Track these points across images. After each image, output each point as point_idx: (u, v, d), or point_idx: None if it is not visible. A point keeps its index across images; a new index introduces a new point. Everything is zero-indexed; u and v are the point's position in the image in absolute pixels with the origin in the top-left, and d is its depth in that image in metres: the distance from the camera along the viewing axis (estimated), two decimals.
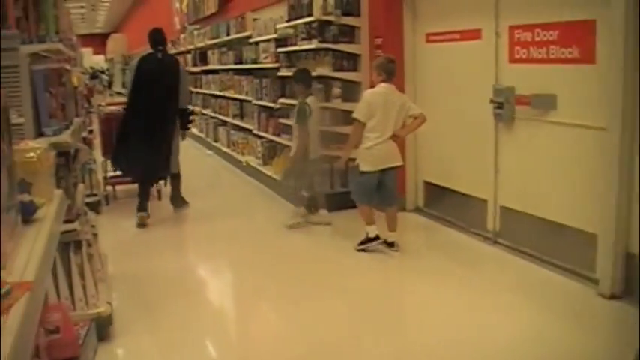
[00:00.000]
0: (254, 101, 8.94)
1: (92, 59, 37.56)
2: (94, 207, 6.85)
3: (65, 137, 3.17)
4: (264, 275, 5.19)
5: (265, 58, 8.58)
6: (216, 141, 11.64)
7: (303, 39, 7.13)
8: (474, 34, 5.59)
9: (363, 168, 5.33)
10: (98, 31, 39.42)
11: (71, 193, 3.32)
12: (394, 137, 5.31)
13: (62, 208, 1.70)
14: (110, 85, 32.83)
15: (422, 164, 6.67)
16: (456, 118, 6.00)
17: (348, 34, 6.78)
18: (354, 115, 5.31)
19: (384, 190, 5.39)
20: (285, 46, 7.74)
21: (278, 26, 7.88)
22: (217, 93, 11.27)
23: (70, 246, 3.51)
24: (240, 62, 9.87)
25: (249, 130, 9.25)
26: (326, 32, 6.74)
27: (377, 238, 5.39)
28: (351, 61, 6.83)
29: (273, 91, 8.23)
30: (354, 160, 5.57)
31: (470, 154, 5.85)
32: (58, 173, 3.19)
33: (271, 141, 8.45)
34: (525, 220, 5.14)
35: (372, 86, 5.52)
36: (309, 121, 6.17)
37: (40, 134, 3.02)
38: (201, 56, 12.98)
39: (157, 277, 5.18)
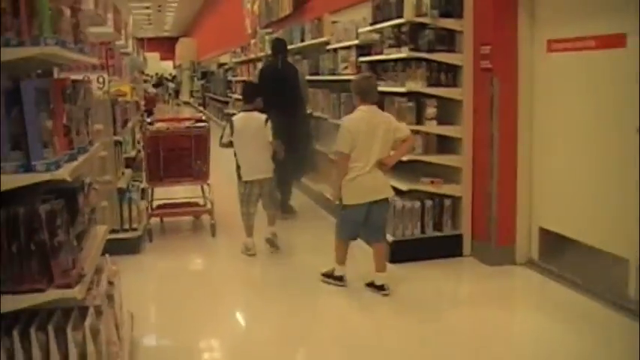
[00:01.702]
0: (330, 120, 8.17)
1: (160, 65, 38.06)
2: (133, 245, 6.28)
3: (63, 173, 2.61)
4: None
5: (345, 68, 7.84)
6: None
7: (390, 46, 6.35)
8: (616, 40, 4.67)
9: (347, 201, 5.23)
10: (166, 34, 39.94)
11: (72, 248, 2.68)
12: (381, 166, 5.17)
13: None
14: (177, 94, 32.85)
15: (538, 206, 5.72)
16: (587, 150, 5.08)
17: (447, 40, 5.94)
18: (336, 149, 5.25)
19: (370, 224, 5.27)
20: (369, 54, 7.01)
21: (360, 30, 7.22)
22: None
23: (70, 318, 2.80)
24: (317, 73, 9.15)
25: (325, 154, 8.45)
26: (419, 38, 5.93)
27: (341, 279, 5.39)
28: (450, 74, 5.98)
29: (352, 108, 7.44)
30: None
31: (604, 196, 4.90)
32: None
33: None
34: None
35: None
36: (235, 137, 6.22)
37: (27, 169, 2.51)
38: None
39: (200, 349, 4.46)
